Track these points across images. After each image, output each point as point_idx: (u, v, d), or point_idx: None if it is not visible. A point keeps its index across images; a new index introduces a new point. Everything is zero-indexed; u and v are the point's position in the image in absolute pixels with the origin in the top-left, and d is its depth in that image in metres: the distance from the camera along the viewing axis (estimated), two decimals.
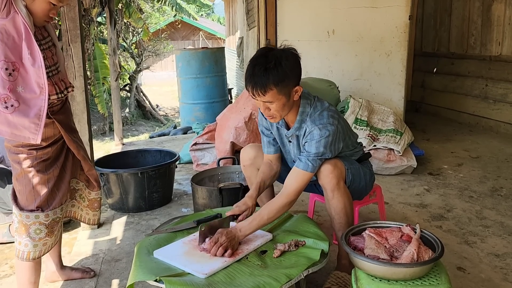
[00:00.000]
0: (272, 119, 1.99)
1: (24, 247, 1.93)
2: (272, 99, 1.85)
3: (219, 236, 1.85)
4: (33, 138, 1.77)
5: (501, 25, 5.07)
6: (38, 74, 1.73)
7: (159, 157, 3.54)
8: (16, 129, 1.75)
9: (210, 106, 6.47)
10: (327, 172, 1.98)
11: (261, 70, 1.81)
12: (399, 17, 4.42)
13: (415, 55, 6.50)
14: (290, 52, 1.91)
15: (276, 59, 1.83)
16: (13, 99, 1.71)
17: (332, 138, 1.94)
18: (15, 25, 1.70)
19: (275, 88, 1.82)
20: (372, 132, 3.81)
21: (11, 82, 1.70)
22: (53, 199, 1.95)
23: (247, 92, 4.50)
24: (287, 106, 1.93)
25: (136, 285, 2.11)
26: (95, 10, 8.30)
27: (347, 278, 2.02)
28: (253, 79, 1.83)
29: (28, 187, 1.88)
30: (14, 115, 1.72)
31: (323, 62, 4.79)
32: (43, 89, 1.75)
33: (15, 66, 1.70)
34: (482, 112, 5.44)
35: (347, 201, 2.03)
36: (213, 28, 21.02)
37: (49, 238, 1.97)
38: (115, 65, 5.49)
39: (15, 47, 1.71)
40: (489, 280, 2.18)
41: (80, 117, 2.73)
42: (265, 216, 1.93)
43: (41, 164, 1.89)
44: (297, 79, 1.92)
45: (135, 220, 3.04)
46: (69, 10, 2.61)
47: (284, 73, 1.82)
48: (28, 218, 1.90)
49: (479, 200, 3.22)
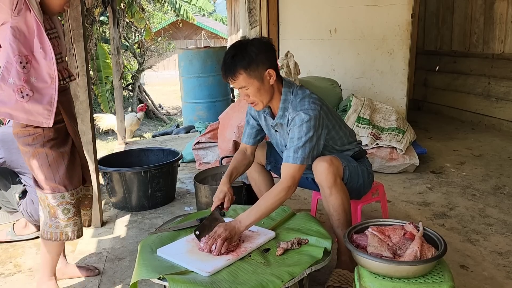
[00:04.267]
0: (256, 106, 2.08)
1: (55, 228, 2.01)
2: (244, 84, 1.98)
3: (217, 229, 1.87)
4: (46, 122, 1.90)
5: (503, 23, 5.05)
6: (49, 66, 1.87)
7: (162, 156, 3.55)
8: (32, 115, 1.87)
9: (213, 105, 6.47)
10: (323, 169, 2.00)
11: (229, 58, 1.97)
12: (401, 15, 4.41)
13: (418, 54, 6.48)
14: (257, 39, 2.05)
15: (241, 46, 1.99)
16: (28, 89, 1.84)
17: (314, 122, 1.97)
18: (26, 22, 1.81)
19: (244, 72, 1.95)
20: (375, 130, 3.81)
21: (25, 74, 1.83)
22: (72, 177, 2.02)
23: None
24: (263, 90, 2.01)
25: (140, 283, 2.12)
26: (98, 10, 8.31)
27: (350, 276, 2.02)
28: (224, 67, 2.00)
29: (45, 165, 1.95)
30: (30, 103, 1.85)
31: (325, 61, 4.79)
32: (54, 79, 1.89)
33: (27, 59, 1.83)
34: (485, 110, 5.43)
35: (344, 198, 2.04)
36: (215, 28, 21.00)
37: (78, 218, 2.06)
38: (118, 64, 5.50)
39: (26, 42, 1.83)
40: (492, 278, 2.18)
41: (83, 116, 2.74)
42: (263, 205, 1.94)
43: (52, 142, 1.96)
44: (267, 63, 2.00)
45: (138, 219, 3.05)
46: (72, 10, 2.62)
47: (249, 57, 1.95)
48: (54, 198, 1.98)
49: (482, 198, 3.21)
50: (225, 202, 2.09)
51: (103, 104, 9.58)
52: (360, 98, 3.98)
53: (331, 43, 4.74)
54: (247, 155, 2.31)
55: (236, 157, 2.29)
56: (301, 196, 3.31)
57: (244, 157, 2.30)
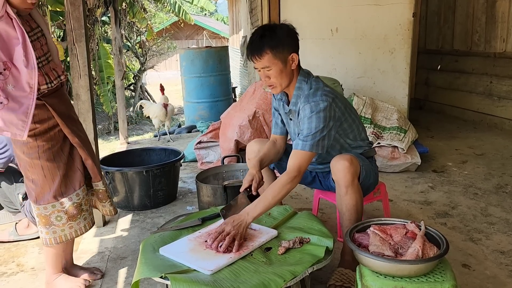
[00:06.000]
0: (273, 89, 2.10)
1: (52, 234, 2.02)
2: (268, 64, 2.01)
3: (224, 226, 1.88)
4: (20, 134, 1.81)
5: (505, 22, 5.04)
6: (31, 75, 1.79)
7: (164, 155, 3.56)
8: (4, 125, 1.80)
9: (214, 105, 6.48)
10: (342, 168, 2.00)
11: (257, 38, 2.02)
12: (403, 14, 4.40)
13: (419, 53, 6.47)
14: (284, 24, 2.08)
15: (270, 28, 2.05)
16: (3, 96, 1.76)
17: (324, 114, 1.99)
18: (6, 27, 1.74)
19: (270, 52, 1.98)
20: (376, 129, 3.81)
21: (1, 80, 1.75)
22: (66, 186, 2.01)
23: (251, 90, 4.53)
24: (284, 74, 2.05)
25: (142, 282, 2.13)
26: (100, 10, 8.32)
27: (352, 275, 2.02)
28: (250, 46, 2.04)
29: (40, 176, 1.94)
30: (3, 111, 1.78)
31: (327, 60, 4.79)
32: (33, 89, 1.80)
33: (6, 65, 1.76)
34: (487, 109, 5.42)
35: (359, 199, 2.04)
36: (217, 27, 21.01)
37: (73, 222, 2.05)
38: (120, 64, 5.50)
39: (5, 48, 1.75)
40: (494, 277, 2.18)
41: (86, 116, 2.74)
42: (270, 196, 1.96)
43: (47, 152, 1.94)
44: (292, 47, 2.05)
45: (140, 218, 3.06)
46: (74, 10, 2.62)
47: (278, 39, 1.99)
48: (46, 209, 1.99)
49: (484, 197, 3.21)
50: (253, 185, 2.12)
51: (105, 104, 9.59)
52: (361, 97, 3.98)
53: (333, 43, 4.74)
54: (276, 144, 2.35)
55: (267, 145, 2.33)
56: (303, 195, 3.32)
57: (274, 145, 2.34)
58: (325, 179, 2.39)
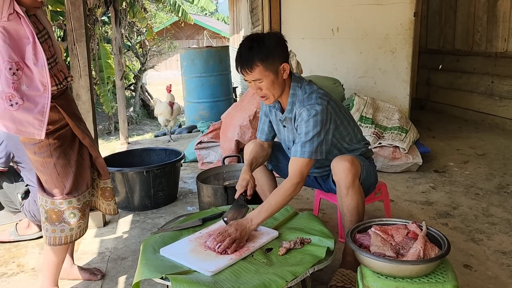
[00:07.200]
0: (266, 100, 2.07)
1: (60, 232, 2.01)
2: (260, 76, 1.96)
3: (228, 227, 1.87)
4: (37, 133, 1.83)
5: (507, 21, 5.03)
6: (42, 74, 1.79)
7: (164, 155, 3.55)
8: (21, 125, 1.81)
9: (215, 105, 6.47)
10: (343, 169, 1.99)
11: (246, 50, 1.96)
12: (404, 14, 4.40)
13: (420, 52, 6.47)
14: (273, 33, 2.05)
15: (259, 38, 1.98)
16: (18, 97, 1.77)
17: (321, 117, 1.97)
18: (16, 27, 1.75)
19: (261, 65, 1.94)
20: (377, 129, 3.80)
21: (16, 81, 1.76)
22: (79, 183, 2.03)
23: (251, 90, 4.51)
24: (276, 84, 2.01)
25: (142, 283, 2.12)
26: (100, 10, 8.32)
27: (353, 276, 2.01)
28: (240, 59, 1.98)
29: (54, 175, 1.95)
30: (19, 112, 1.78)
31: (328, 60, 4.78)
32: (46, 87, 1.81)
33: (18, 65, 1.76)
34: (488, 109, 5.41)
35: (360, 200, 2.03)
36: (217, 27, 21.03)
37: (83, 221, 2.07)
38: (120, 64, 5.50)
39: (17, 48, 1.76)
40: (496, 278, 2.17)
41: (86, 116, 2.74)
42: (273, 202, 1.95)
43: (58, 150, 1.95)
44: (282, 57, 2.01)
45: (140, 219, 3.05)
46: (74, 10, 2.62)
47: (267, 50, 1.94)
48: (61, 204, 1.98)
49: (485, 197, 3.20)
50: (248, 189, 2.12)
51: (105, 104, 9.60)
52: (362, 97, 3.97)
53: (334, 42, 4.73)
54: (264, 146, 2.35)
55: (255, 148, 2.31)
56: (303, 196, 3.31)
57: (262, 148, 2.33)
58: (325, 182, 2.38)
